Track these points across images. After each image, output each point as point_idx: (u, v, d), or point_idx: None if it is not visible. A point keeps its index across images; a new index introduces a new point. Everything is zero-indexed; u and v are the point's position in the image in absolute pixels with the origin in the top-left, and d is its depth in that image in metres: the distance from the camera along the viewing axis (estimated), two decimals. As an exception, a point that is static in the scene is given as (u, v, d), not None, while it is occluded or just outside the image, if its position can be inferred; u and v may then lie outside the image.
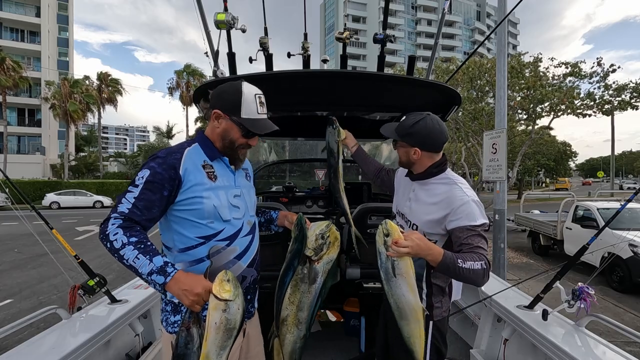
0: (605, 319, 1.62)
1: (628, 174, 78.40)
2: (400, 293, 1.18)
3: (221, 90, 1.27)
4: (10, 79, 25.31)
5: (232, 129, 1.25)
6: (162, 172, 1.14)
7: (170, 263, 1.06)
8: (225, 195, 1.26)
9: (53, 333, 1.61)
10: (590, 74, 10.66)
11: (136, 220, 1.09)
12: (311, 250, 1.43)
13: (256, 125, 1.24)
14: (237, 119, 1.22)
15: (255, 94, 1.24)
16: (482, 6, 70.24)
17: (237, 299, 1.02)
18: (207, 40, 2.20)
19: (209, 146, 1.28)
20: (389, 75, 1.91)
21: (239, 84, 1.24)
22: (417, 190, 1.51)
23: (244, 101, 1.21)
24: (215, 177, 1.25)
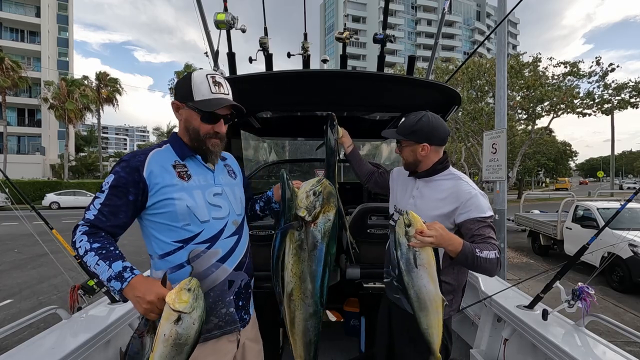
0: (605, 319, 1.62)
1: (628, 174, 78.43)
2: (421, 284, 1.18)
3: (177, 82, 1.25)
4: (9, 79, 25.30)
5: (191, 117, 1.19)
6: (126, 175, 1.10)
7: (130, 268, 1.02)
8: (202, 195, 1.19)
9: (53, 333, 1.61)
10: (589, 74, 10.67)
11: (100, 226, 1.07)
12: (303, 209, 1.29)
13: (209, 104, 1.16)
14: (192, 104, 1.17)
15: (207, 74, 1.18)
16: (482, 6, 70.24)
17: (194, 312, 0.91)
18: (207, 40, 2.20)
19: (180, 145, 1.23)
20: (389, 75, 1.91)
21: (191, 71, 1.22)
22: (421, 188, 1.53)
23: (193, 84, 1.16)
24: (188, 177, 1.18)
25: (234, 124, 2.56)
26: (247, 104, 2.31)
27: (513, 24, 71.13)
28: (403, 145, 1.53)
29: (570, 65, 10.68)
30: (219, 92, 1.18)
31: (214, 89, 1.17)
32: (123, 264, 1.03)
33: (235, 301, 1.25)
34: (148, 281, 1.01)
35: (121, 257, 1.05)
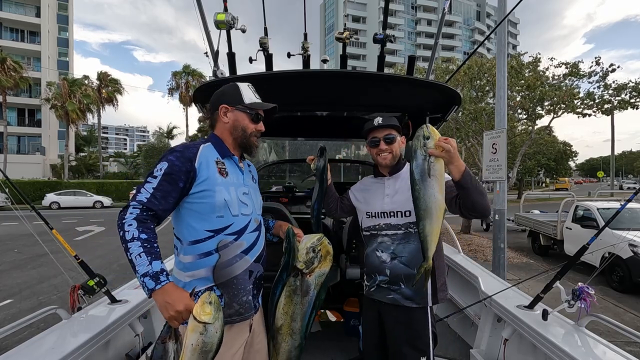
0: (605, 319, 1.62)
1: (628, 174, 78.41)
2: (432, 193, 1.26)
3: (221, 89, 1.40)
4: (10, 79, 25.31)
5: (241, 117, 1.36)
6: (180, 164, 1.21)
7: (166, 273, 1.10)
8: (235, 191, 1.32)
9: (53, 333, 1.61)
10: (589, 74, 10.66)
11: (153, 209, 1.16)
12: (302, 263, 1.44)
13: (259, 105, 1.37)
14: (242, 107, 1.35)
15: (247, 84, 1.40)
16: (482, 6, 70.23)
17: (216, 322, 1.03)
18: (207, 40, 2.20)
19: (220, 145, 1.37)
20: (389, 75, 1.91)
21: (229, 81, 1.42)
22: (391, 185, 1.63)
23: (242, 90, 1.36)
24: (226, 174, 1.32)
25: None
26: (247, 104, 2.32)
27: (513, 24, 71.11)
28: (396, 137, 1.61)
29: (570, 65, 10.67)
30: (259, 98, 1.40)
31: (256, 95, 1.40)
32: (161, 265, 1.10)
33: (252, 290, 1.37)
34: (179, 291, 1.10)
35: (160, 257, 1.12)
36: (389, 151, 1.60)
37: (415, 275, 1.38)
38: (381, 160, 1.62)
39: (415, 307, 1.54)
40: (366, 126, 1.65)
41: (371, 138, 1.63)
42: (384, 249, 1.59)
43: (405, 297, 1.54)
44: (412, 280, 1.52)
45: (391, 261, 1.56)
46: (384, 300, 1.59)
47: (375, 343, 1.68)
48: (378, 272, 1.60)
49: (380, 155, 1.61)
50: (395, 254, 1.56)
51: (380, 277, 1.60)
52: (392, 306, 1.58)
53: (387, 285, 1.58)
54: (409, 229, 1.54)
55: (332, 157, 4.88)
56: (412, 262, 1.52)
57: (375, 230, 1.63)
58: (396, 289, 1.56)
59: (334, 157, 4.99)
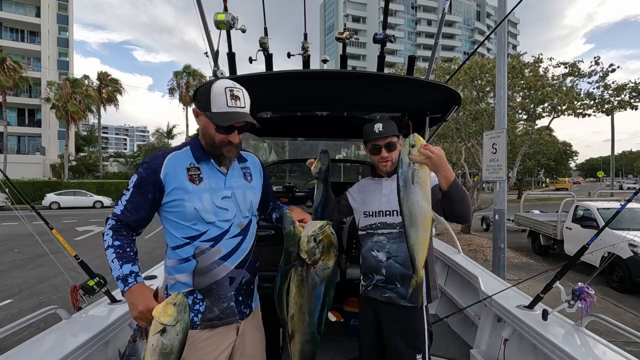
0: (605, 319, 1.62)
1: (628, 174, 78.38)
2: (415, 200, 1.25)
3: (197, 88, 1.31)
4: (10, 79, 25.31)
5: (208, 125, 1.25)
6: (146, 176, 1.22)
7: (135, 274, 1.14)
8: (210, 198, 1.26)
9: (53, 333, 1.61)
10: (589, 73, 10.65)
11: (125, 221, 1.21)
12: (304, 252, 1.37)
13: (222, 117, 1.21)
14: (209, 114, 1.22)
15: (226, 87, 1.21)
16: (482, 6, 70.22)
17: (177, 324, 1.00)
18: (207, 40, 2.20)
19: (198, 148, 1.30)
20: (389, 75, 1.91)
21: (213, 80, 1.25)
22: (388, 186, 1.64)
23: (212, 95, 1.21)
24: (199, 180, 1.26)
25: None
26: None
27: (513, 24, 71.11)
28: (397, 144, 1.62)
29: (570, 65, 10.66)
30: (235, 106, 1.22)
31: (230, 102, 1.21)
32: (132, 267, 1.15)
33: (235, 296, 1.32)
34: (143, 292, 1.12)
35: (133, 260, 1.18)
36: (389, 159, 1.62)
37: (408, 290, 1.38)
38: (382, 167, 1.66)
39: (411, 306, 1.56)
40: (366, 132, 1.64)
41: (372, 145, 1.64)
42: (380, 248, 1.61)
43: (401, 296, 1.56)
44: (407, 280, 1.53)
45: (387, 260, 1.58)
46: (380, 298, 1.62)
47: (372, 342, 1.69)
48: (375, 271, 1.62)
49: (381, 162, 1.64)
50: (391, 253, 1.58)
51: (377, 277, 1.62)
52: (388, 305, 1.60)
53: (383, 285, 1.61)
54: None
55: (332, 157, 4.86)
56: (408, 261, 1.52)
57: (371, 230, 1.66)
58: (392, 288, 1.58)
59: (334, 157, 4.99)
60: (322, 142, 4.38)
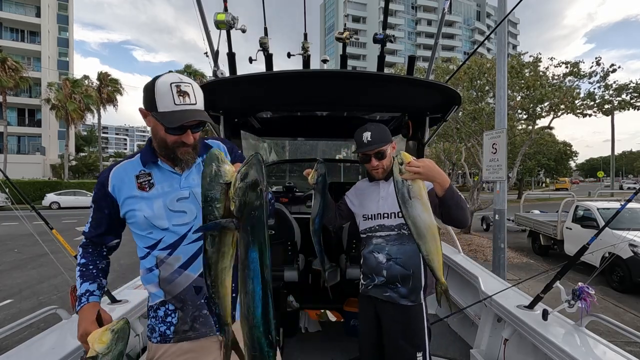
0: (605, 319, 1.62)
1: (628, 174, 78.36)
2: (416, 213, 1.29)
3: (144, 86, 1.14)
4: (11, 80, 25.31)
5: (157, 126, 1.13)
6: (97, 192, 1.21)
7: (89, 294, 1.18)
8: (162, 203, 1.17)
9: (53, 333, 1.61)
10: (590, 74, 10.65)
11: (89, 237, 1.26)
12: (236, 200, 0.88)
13: (169, 118, 1.07)
14: (155, 114, 1.08)
15: (171, 82, 1.06)
16: (482, 6, 70.23)
17: (109, 353, 0.95)
18: (207, 40, 2.19)
19: (147, 152, 1.21)
20: (389, 75, 1.91)
21: (158, 76, 1.11)
22: (385, 188, 1.66)
23: (157, 93, 1.06)
24: (150, 186, 1.18)
25: (234, 124, 2.57)
26: (247, 104, 2.33)
27: (513, 24, 71.11)
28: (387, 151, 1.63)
29: (571, 65, 10.66)
30: (184, 104, 1.07)
31: (178, 100, 1.06)
32: (88, 286, 1.19)
33: (207, 305, 1.20)
34: (87, 313, 1.13)
35: (93, 278, 1.22)
36: (380, 167, 1.64)
37: (436, 296, 1.41)
38: (374, 173, 1.68)
39: (411, 304, 1.58)
40: (356, 141, 1.65)
41: (362, 154, 1.65)
42: (380, 249, 1.63)
43: (401, 296, 1.58)
44: (408, 281, 1.57)
45: (387, 262, 1.60)
46: (380, 297, 1.63)
47: (372, 342, 1.70)
48: (375, 273, 1.64)
49: (372, 170, 1.67)
50: (390, 255, 1.60)
51: (378, 278, 1.63)
52: (389, 304, 1.61)
53: (383, 284, 1.62)
54: (402, 230, 1.59)
55: (332, 157, 4.88)
56: (408, 263, 1.57)
57: (371, 232, 1.68)
58: (392, 288, 1.60)
59: (334, 157, 4.99)
60: (322, 142, 4.39)
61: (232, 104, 2.30)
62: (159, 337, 1.21)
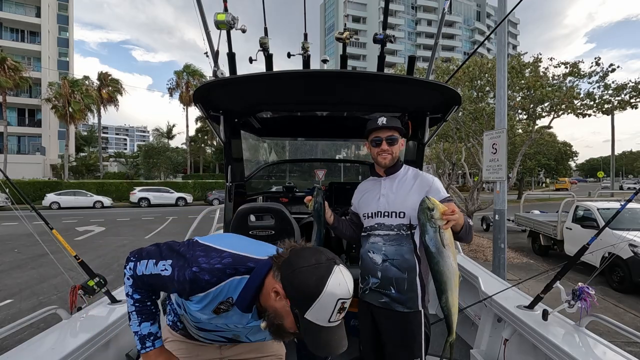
0: (605, 319, 1.62)
1: (628, 174, 78.33)
2: (449, 263, 1.28)
3: (303, 272, 0.92)
4: (11, 80, 25.32)
5: (287, 317, 0.96)
6: (178, 283, 1.02)
7: (154, 337, 1.13)
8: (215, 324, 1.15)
9: (53, 333, 1.61)
10: (589, 74, 10.64)
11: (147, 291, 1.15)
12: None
13: (314, 336, 0.91)
14: (301, 318, 0.91)
15: (339, 298, 0.90)
16: (482, 6, 70.22)
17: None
18: (207, 40, 2.19)
19: (248, 295, 1.03)
20: (389, 75, 1.90)
21: (328, 273, 0.90)
22: (387, 186, 1.65)
23: (319, 302, 0.88)
24: (221, 312, 1.07)
25: (234, 124, 2.57)
26: (247, 104, 2.33)
27: (513, 24, 71.12)
28: (399, 141, 1.64)
29: (571, 65, 10.65)
30: (335, 321, 0.93)
31: (335, 317, 0.91)
32: (150, 328, 1.13)
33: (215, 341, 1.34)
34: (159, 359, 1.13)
35: (152, 318, 1.15)
36: (389, 152, 1.62)
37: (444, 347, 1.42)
38: (381, 159, 1.64)
39: (407, 311, 1.54)
40: (369, 125, 1.65)
41: (373, 137, 1.64)
42: (376, 250, 1.59)
43: (397, 302, 1.54)
44: (402, 284, 1.53)
45: (382, 263, 1.55)
46: (376, 304, 1.60)
47: (372, 346, 1.69)
48: (371, 274, 1.60)
49: (380, 155, 1.63)
50: (387, 256, 1.55)
51: (372, 280, 1.59)
52: (385, 310, 1.58)
53: (378, 289, 1.58)
54: (401, 231, 1.55)
55: (332, 157, 4.88)
56: (403, 265, 1.53)
57: (370, 231, 1.65)
58: (387, 293, 1.55)
59: (334, 157, 4.98)
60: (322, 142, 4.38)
61: (232, 104, 2.30)
62: (170, 321, 1.34)
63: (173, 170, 39.65)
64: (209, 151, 43.00)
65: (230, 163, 2.62)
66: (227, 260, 1.03)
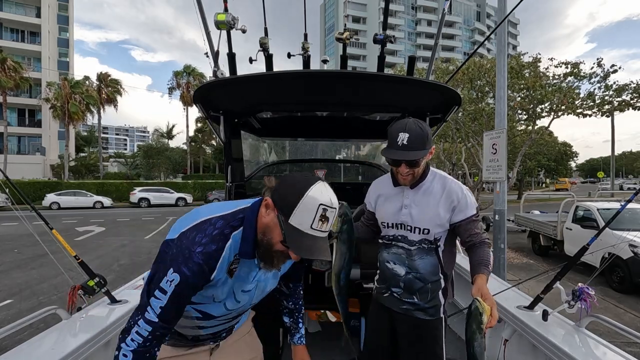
0: (605, 320, 1.62)
1: (628, 174, 78.32)
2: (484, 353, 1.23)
3: (289, 180, 1.01)
4: (11, 80, 25.34)
5: (275, 229, 0.99)
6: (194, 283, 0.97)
7: None
8: (230, 287, 1.10)
9: (53, 333, 1.61)
10: (590, 75, 10.64)
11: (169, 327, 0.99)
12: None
13: (297, 241, 0.95)
14: (285, 223, 0.95)
15: (321, 203, 0.94)
16: (482, 7, 70.27)
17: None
18: (207, 40, 2.20)
19: (249, 248, 1.03)
20: (389, 75, 1.91)
21: (311, 183, 0.96)
22: (412, 196, 1.48)
23: (301, 205, 0.93)
24: (234, 272, 1.07)
25: (234, 125, 2.57)
26: (247, 104, 2.33)
27: (513, 25, 71.15)
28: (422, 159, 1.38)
29: (571, 65, 10.66)
30: (320, 230, 0.96)
31: (317, 224, 0.95)
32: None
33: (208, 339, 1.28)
34: None
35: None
36: (411, 173, 1.41)
37: None
38: (401, 179, 1.46)
39: (430, 319, 1.52)
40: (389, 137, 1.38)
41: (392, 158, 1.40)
42: (398, 261, 1.52)
43: (419, 310, 1.52)
44: (426, 295, 1.49)
45: (406, 275, 1.51)
46: (397, 310, 1.57)
47: (381, 345, 1.65)
48: (392, 283, 1.56)
49: (400, 176, 1.45)
50: (410, 268, 1.50)
51: (394, 289, 1.56)
52: (405, 316, 1.55)
53: (400, 297, 1.55)
54: (423, 245, 1.47)
55: (332, 157, 4.88)
56: (427, 277, 1.48)
57: (389, 241, 1.56)
58: (409, 301, 1.53)
59: (334, 157, 4.98)
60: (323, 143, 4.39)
61: (232, 104, 2.30)
62: None
63: (173, 170, 39.67)
64: (208, 151, 43.01)
65: (230, 163, 2.62)
66: (220, 223, 1.02)
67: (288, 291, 1.44)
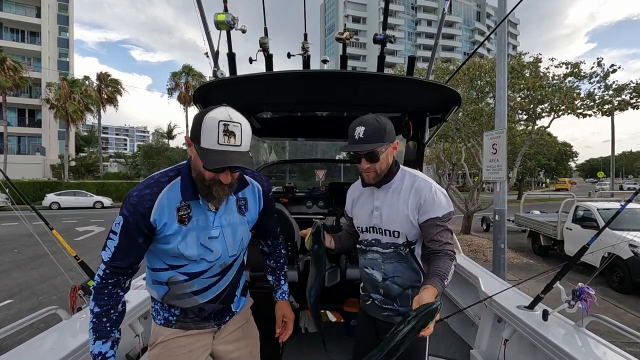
0: (605, 320, 1.62)
1: (628, 175, 78.32)
2: None
3: (196, 114, 1.12)
4: (10, 80, 25.34)
5: (197, 160, 1.08)
6: (133, 221, 1.09)
7: (102, 356, 1.08)
8: (196, 237, 1.17)
9: (53, 333, 1.61)
10: (590, 75, 10.63)
11: (120, 267, 1.12)
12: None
13: (208, 158, 1.03)
14: (198, 148, 1.05)
15: (219, 120, 1.03)
16: (482, 7, 70.27)
17: None
18: (207, 40, 2.20)
19: (189, 187, 1.15)
20: (389, 75, 1.91)
21: (210, 109, 1.07)
22: (380, 197, 1.43)
23: (204, 127, 1.03)
24: (188, 219, 1.16)
25: None
26: (247, 104, 2.33)
27: (513, 25, 71.15)
28: (382, 152, 1.33)
29: (572, 65, 10.64)
30: (228, 144, 1.04)
31: (222, 139, 1.03)
32: (101, 347, 1.09)
33: (207, 318, 1.34)
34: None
35: (105, 336, 1.10)
36: (372, 169, 1.36)
37: None
38: (365, 176, 1.42)
39: None
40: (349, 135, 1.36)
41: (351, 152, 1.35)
42: (375, 266, 1.48)
43: (399, 315, 1.48)
44: (407, 300, 1.43)
45: (384, 281, 1.46)
46: (380, 317, 1.54)
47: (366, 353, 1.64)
48: (372, 289, 1.53)
49: (362, 172, 1.40)
50: (387, 274, 1.44)
51: (375, 295, 1.52)
52: (388, 324, 1.50)
53: (380, 304, 1.51)
54: (399, 249, 1.41)
55: (332, 157, 4.88)
56: (406, 282, 1.43)
57: (366, 246, 1.51)
58: (390, 307, 1.49)
59: (334, 157, 4.98)
60: (323, 143, 4.39)
61: (232, 104, 2.29)
62: (162, 320, 1.30)
63: (173, 170, 39.54)
64: (208, 151, 42.89)
65: None
66: (157, 174, 1.17)
67: (268, 250, 1.54)
